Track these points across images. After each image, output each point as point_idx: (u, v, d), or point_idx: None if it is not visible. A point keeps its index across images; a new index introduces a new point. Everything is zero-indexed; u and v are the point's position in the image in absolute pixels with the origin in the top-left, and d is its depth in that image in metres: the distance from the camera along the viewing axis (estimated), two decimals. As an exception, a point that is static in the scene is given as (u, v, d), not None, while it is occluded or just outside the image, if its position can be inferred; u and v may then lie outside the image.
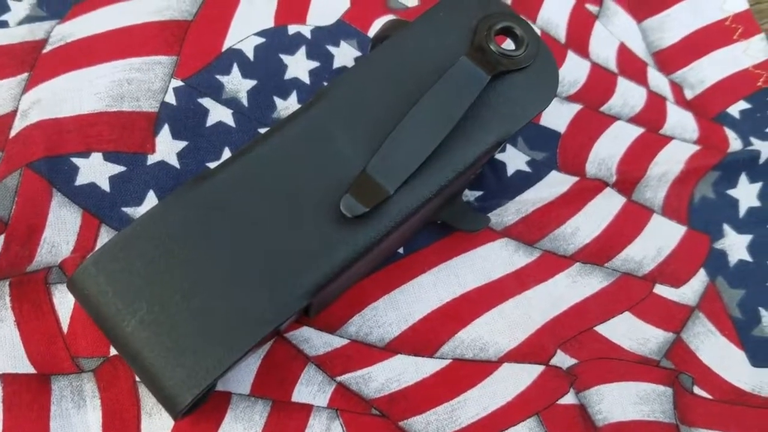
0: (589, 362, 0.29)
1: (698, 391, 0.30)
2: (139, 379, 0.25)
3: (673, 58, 0.37)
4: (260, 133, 0.30)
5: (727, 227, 0.33)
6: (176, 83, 0.30)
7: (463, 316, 0.29)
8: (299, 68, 0.31)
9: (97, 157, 0.28)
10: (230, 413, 0.26)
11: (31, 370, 0.26)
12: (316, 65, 0.32)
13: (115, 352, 0.26)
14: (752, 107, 0.36)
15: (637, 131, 0.34)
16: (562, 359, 0.29)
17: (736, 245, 0.33)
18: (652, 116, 0.35)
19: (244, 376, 0.26)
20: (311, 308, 0.26)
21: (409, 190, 0.25)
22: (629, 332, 0.30)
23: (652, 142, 0.34)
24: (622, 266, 0.32)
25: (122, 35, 0.30)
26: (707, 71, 0.37)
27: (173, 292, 0.23)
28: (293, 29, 0.32)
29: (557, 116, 0.34)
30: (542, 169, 0.33)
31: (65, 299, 0.26)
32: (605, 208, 0.32)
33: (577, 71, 0.35)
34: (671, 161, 0.33)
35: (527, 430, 0.28)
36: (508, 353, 0.29)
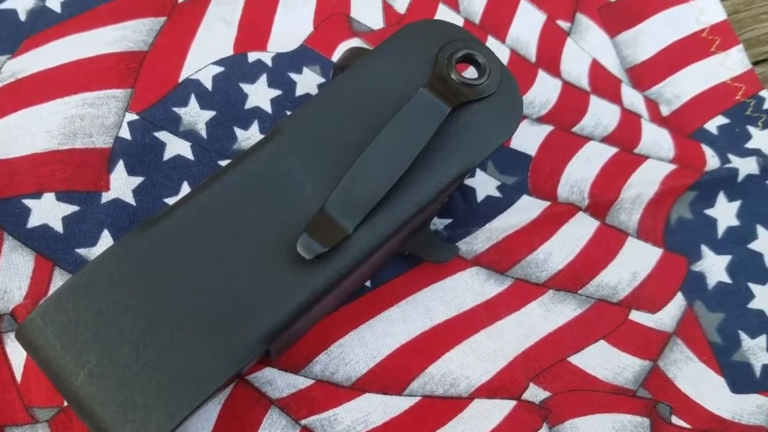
0: (562, 395, 0.29)
1: (676, 420, 0.30)
2: (92, 431, 0.25)
3: (648, 73, 0.36)
4: (220, 165, 0.30)
5: (705, 248, 0.33)
6: (131, 117, 0.29)
7: (432, 350, 0.29)
8: (260, 97, 0.31)
9: (49, 197, 0.28)
10: (191, 461, 0.26)
11: (-17, 421, 0.25)
12: (277, 93, 0.31)
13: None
14: (730, 122, 0.36)
15: (610, 151, 0.34)
16: (534, 393, 0.29)
17: (714, 267, 0.33)
18: (626, 135, 0.35)
19: (203, 423, 0.26)
20: (272, 351, 0.25)
21: (369, 227, 0.25)
22: (604, 362, 0.30)
23: (626, 162, 0.34)
24: (596, 292, 0.31)
25: (75, 69, 0.30)
26: (683, 86, 0.36)
27: (122, 343, 0.22)
28: (253, 57, 0.32)
29: (528, 139, 0.34)
30: (513, 194, 0.32)
31: (18, 347, 0.26)
32: (578, 232, 0.32)
33: (548, 91, 0.35)
34: (646, 182, 0.33)
35: (499, 468, 0.27)
36: (479, 388, 0.28)
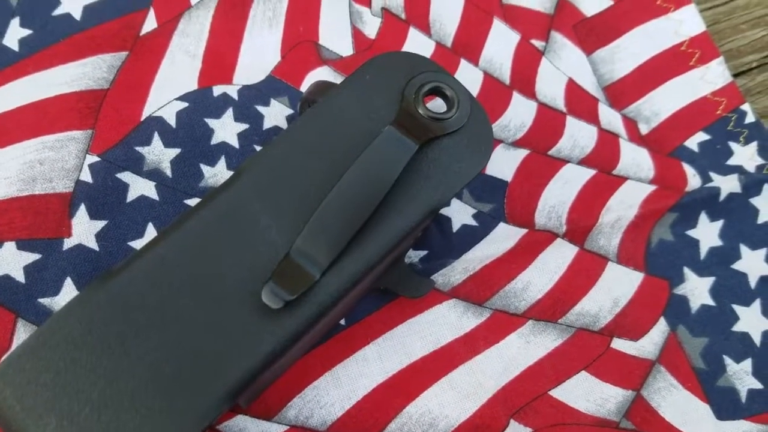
0: (544, 430, 0.29)
1: (661, 451, 0.29)
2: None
3: (625, 90, 0.36)
4: (186, 204, 0.29)
5: (687, 270, 0.33)
6: (92, 159, 0.29)
7: (410, 389, 0.29)
8: (227, 132, 0.31)
9: (9, 246, 0.27)
10: None
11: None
12: (244, 127, 0.31)
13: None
14: (711, 138, 0.36)
15: (588, 173, 0.34)
16: (516, 429, 0.28)
17: (697, 289, 0.33)
18: (604, 156, 0.34)
19: (173, 476, 0.25)
20: (242, 399, 0.25)
21: (338, 271, 0.24)
22: (586, 393, 0.30)
23: (604, 184, 0.34)
24: (576, 321, 0.31)
25: (34, 111, 0.29)
26: (663, 102, 0.36)
27: (83, 404, 0.22)
28: (219, 90, 0.31)
29: (503, 164, 0.33)
30: (489, 221, 0.32)
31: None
32: (557, 259, 0.32)
33: (523, 113, 0.34)
34: (625, 205, 0.33)
35: None
36: (458, 428, 0.28)
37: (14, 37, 0.31)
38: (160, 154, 0.30)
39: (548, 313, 0.31)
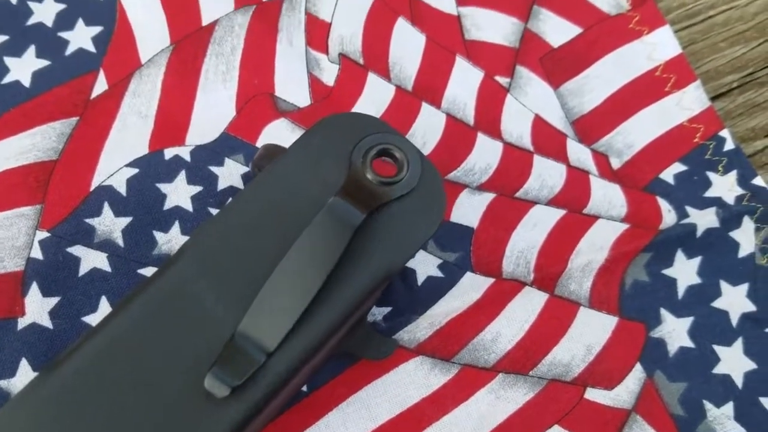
0: (515, 490, 0.28)
1: (639, 506, 0.29)
2: None
3: (595, 123, 0.35)
4: (140, 274, 0.29)
5: (664, 312, 0.32)
6: (42, 235, 0.29)
7: (376, 454, 0.28)
8: (180, 196, 0.30)
9: (-39, 330, 0.27)
10: None
11: None
12: (198, 190, 0.31)
13: None
14: (688, 169, 0.35)
15: (558, 214, 0.33)
16: (485, 492, 0.28)
17: (675, 331, 0.32)
18: (573, 195, 0.34)
19: None
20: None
21: (287, 350, 0.24)
22: (559, 450, 0.29)
23: (574, 224, 0.33)
24: (548, 372, 0.30)
25: (-18, 188, 0.29)
26: (636, 134, 0.35)
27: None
28: (170, 153, 0.31)
29: (469, 210, 0.33)
30: (456, 272, 0.32)
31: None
32: (526, 307, 0.31)
33: (488, 155, 0.34)
34: (595, 248, 0.32)
35: None
36: (425, 493, 0.28)
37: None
38: (111, 224, 0.30)
39: (519, 364, 0.31)
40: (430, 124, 0.34)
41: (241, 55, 0.34)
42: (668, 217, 0.34)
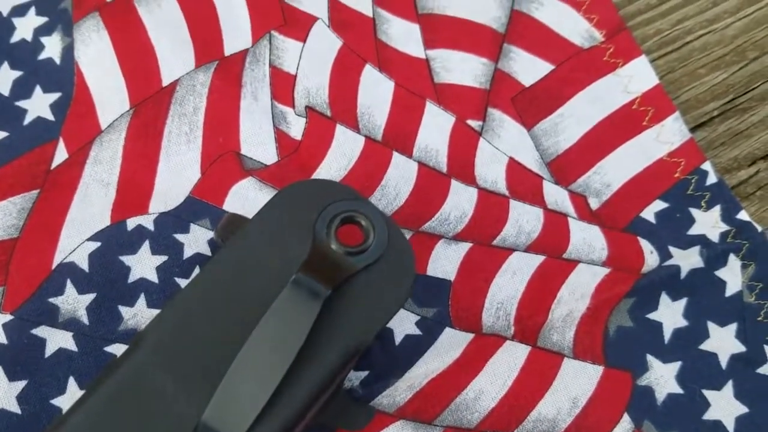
0: None
1: None
2: None
3: (572, 163, 0.34)
4: (107, 352, 0.29)
5: (651, 358, 0.31)
6: (5, 318, 0.29)
7: None
8: (144, 267, 0.30)
9: (-76, 422, 0.27)
10: None
11: None
12: (163, 260, 0.30)
13: None
14: (670, 206, 0.34)
15: (537, 260, 0.33)
16: None
17: (663, 377, 0.31)
18: (552, 239, 0.33)
19: None
20: None
21: (253, 437, 0.23)
22: None
23: (554, 271, 0.32)
24: (534, 429, 0.30)
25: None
26: (614, 172, 0.34)
27: None
28: (133, 223, 0.30)
29: (445, 262, 0.32)
30: (434, 328, 0.31)
31: None
32: (508, 362, 0.31)
33: (463, 202, 0.33)
34: (576, 296, 0.32)
35: None
36: None
37: None
38: (74, 302, 0.29)
39: (504, 422, 0.30)
40: (402, 173, 0.33)
41: (204, 114, 0.33)
42: (650, 258, 0.33)
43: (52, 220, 0.30)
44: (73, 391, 0.28)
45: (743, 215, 0.34)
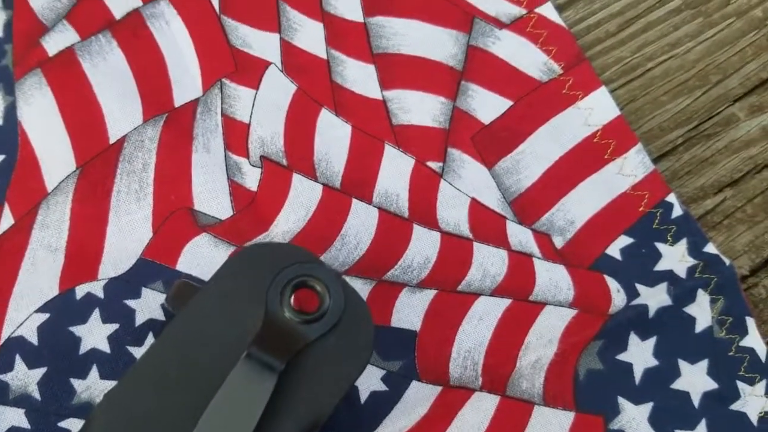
0: None
1: None
2: None
3: (534, 201, 0.34)
4: (61, 427, 0.28)
5: (622, 400, 0.31)
6: (-48, 399, 0.27)
7: None
8: (95, 337, 0.29)
9: None
10: None
11: None
12: (114, 328, 0.29)
13: None
14: (635, 241, 0.33)
15: (503, 304, 0.32)
16: None
17: (635, 420, 0.31)
18: (518, 282, 0.32)
19: None
20: None
21: None
22: None
23: (521, 315, 0.32)
24: (506, 482, 0.29)
25: None
26: (577, 208, 0.34)
27: None
28: (82, 291, 0.30)
29: (410, 311, 0.32)
30: (401, 382, 0.30)
31: None
32: (478, 415, 0.30)
33: (426, 248, 0.32)
34: (543, 342, 0.31)
35: None
36: None
37: None
38: (24, 377, 0.28)
39: (474, 477, 0.29)
40: (362, 222, 0.33)
41: (154, 170, 0.32)
42: (617, 298, 0.32)
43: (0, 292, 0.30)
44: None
45: (710, 248, 0.34)
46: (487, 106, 0.36)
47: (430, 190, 0.34)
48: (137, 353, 0.29)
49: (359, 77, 0.36)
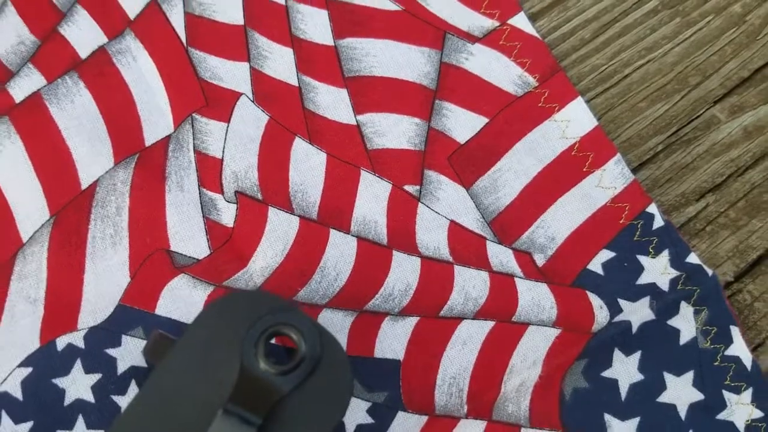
0: None
1: None
2: None
3: (514, 220, 0.34)
4: (50, 482, 0.28)
5: (608, 417, 0.31)
6: (-63, 461, 0.27)
7: None
8: (79, 388, 0.29)
9: None
10: None
11: None
12: (97, 378, 0.30)
13: None
14: (617, 255, 0.33)
15: (486, 327, 0.32)
16: None
17: (622, 437, 0.31)
18: (500, 303, 0.32)
19: None
20: None
21: None
22: None
23: (505, 337, 0.32)
24: (495, 507, 0.29)
25: None
26: (557, 224, 0.34)
27: None
28: (63, 342, 0.30)
29: (393, 340, 0.32)
30: (387, 414, 0.30)
31: None
32: (466, 441, 0.30)
33: (406, 274, 0.32)
34: (527, 364, 0.31)
35: None
36: None
37: None
38: (11, 433, 0.28)
39: (464, 504, 0.30)
40: (341, 252, 0.32)
41: (128, 213, 0.32)
42: (600, 315, 0.32)
43: (-22, 350, 0.30)
44: None
45: (693, 258, 0.34)
46: (462, 124, 0.35)
47: (408, 214, 0.34)
48: (122, 402, 0.29)
49: (331, 103, 0.35)
